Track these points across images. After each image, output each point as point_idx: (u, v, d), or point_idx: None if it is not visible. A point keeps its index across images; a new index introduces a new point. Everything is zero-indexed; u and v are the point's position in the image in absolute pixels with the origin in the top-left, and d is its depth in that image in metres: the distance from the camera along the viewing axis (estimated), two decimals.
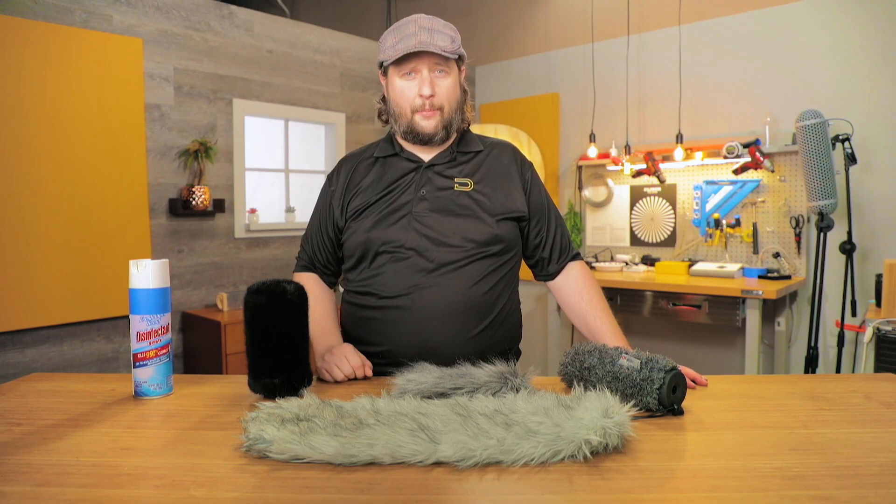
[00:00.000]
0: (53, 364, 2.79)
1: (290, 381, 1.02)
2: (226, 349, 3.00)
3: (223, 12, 3.37)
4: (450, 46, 1.26)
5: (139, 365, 1.05)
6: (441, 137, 1.32)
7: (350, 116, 4.03)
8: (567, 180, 4.29)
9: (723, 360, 3.66)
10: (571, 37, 4.24)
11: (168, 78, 3.15)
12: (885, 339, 2.17)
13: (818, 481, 0.71)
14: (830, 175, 2.78)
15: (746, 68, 3.49)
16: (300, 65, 3.74)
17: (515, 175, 1.38)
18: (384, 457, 0.76)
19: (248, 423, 0.81)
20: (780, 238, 3.41)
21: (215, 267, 3.40)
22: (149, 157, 3.08)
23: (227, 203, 3.41)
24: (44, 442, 0.85)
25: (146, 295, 1.04)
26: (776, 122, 3.39)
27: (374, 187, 1.34)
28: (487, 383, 0.97)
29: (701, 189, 3.67)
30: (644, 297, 3.32)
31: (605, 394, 0.84)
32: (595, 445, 0.76)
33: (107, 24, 2.91)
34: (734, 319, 3.01)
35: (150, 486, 0.72)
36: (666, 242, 3.83)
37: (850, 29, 3.17)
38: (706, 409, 0.97)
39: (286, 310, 1.02)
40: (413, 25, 1.26)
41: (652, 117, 3.88)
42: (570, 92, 4.25)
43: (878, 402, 0.99)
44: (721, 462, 0.77)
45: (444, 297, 1.24)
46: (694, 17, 3.68)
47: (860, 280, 3.10)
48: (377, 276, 1.29)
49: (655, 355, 0.97)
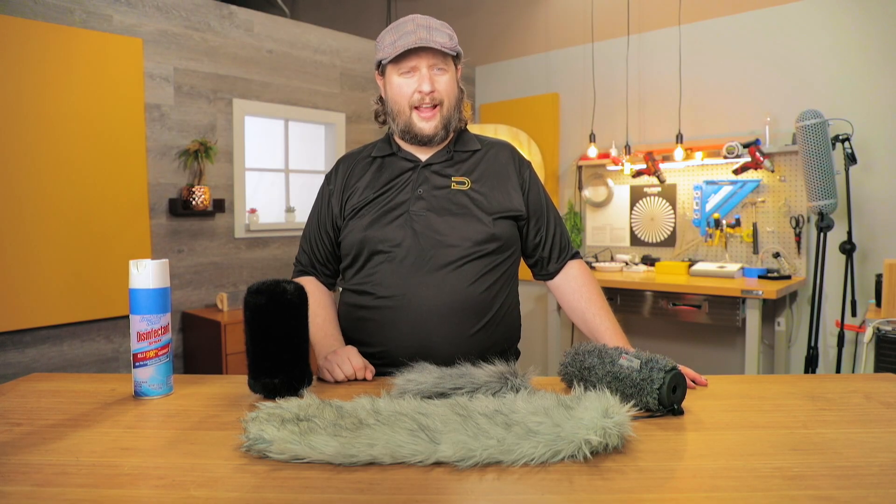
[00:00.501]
0: (53, 364, 2.79)
1: (290, 381, 1.02)
2: (226, 349, 3.00)
3: (223, 12, 3.37)
4: (448, 43, 1.27)
5: (139, 365, 1.05)
6: (440, 137, 1.33)
7: (350, 116, 4.03)
8: (567, 180, 4.29)
9: (723, 360, 3.66)
10: (571, 37, 4.24)
11: (168, 78, 3.15)
12: (885, 339, 2.17)
13: (818, 481, 0.71)
14: (830, 175, 2.78)
15: (746, 68, 3.49)
16: (300, 65, 3.74)
17: (513, 174, 1.37)
18: (384, 457, 0.76)
19: (248, 423, 0.81)
20: (780, 238, 3.41)
21: (215, 267, 3.40)
22: (149, 157, 3.08)
23: (227, 203, 3.42)
24: (44, 442, 0.85)
25: (146, 295, 1.04)
26: (776, 122, 3.39)
27: (371, 186, 1.35)
28: (487, 383, 0.97)
29: (701, 189, 3.67)
30: (644, 297, 3.32)
31: (605, 394, 0.84)
32: (595, 445, 0.76)
33: (107, 24, 2.91)
34: (734, 319, 3.01)
35: (150, 486, 0.72)
36: (666, 242, 3.83)
37: (850, 29, 3.17)
38: (706, 409, 0.97)
39: (286, 310, 1.02)
40: (411, 24, 1.27)
41: (652, 117, 3.88)
42: (570, 92, 4.25)
43: (878, 402, 0.99)
44: (721, 462, 0.77)
45: (442, 297, 1.24)
46: (694, 17, 3.68)
47: (860, 280, 3.10)
48: (373, 275, 1.29)
49: (655, 355, 0.97)
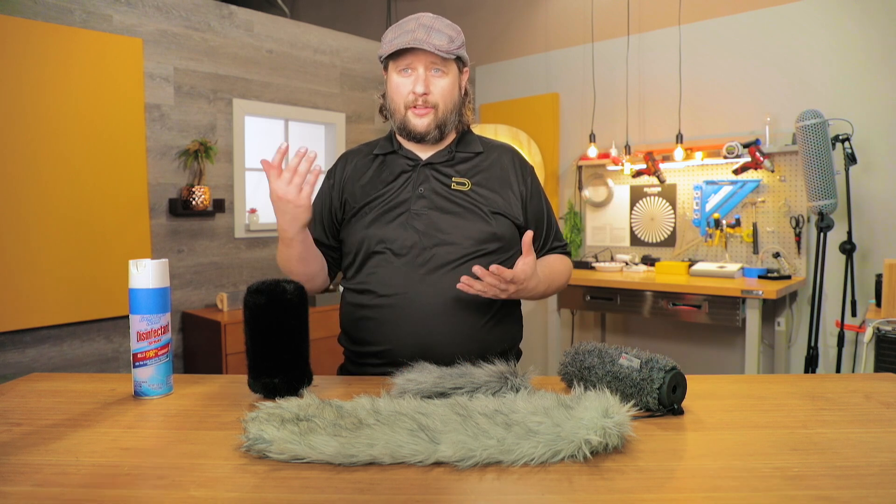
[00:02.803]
0: (53, 364, 2.79)
1: (290, 381, 1.02)
2: (226, 349, 3.00)
3: (223, 12, 3.37)
4: (445, 46, 1.25)
5: (139, 365, 1.05)
6: (434, 137, 1.32)
7: (350, 116, 4.03)
8: (567, 180, 4.28)
9: (723, 360, 3.66)
10: (571, 37, 4.24)
11: (168, 78, 3.15)
12: (885, 339, 2.17)
13: (818, 481, 0.71)
14: (830, 175, 2.78)
15: (746, 68, 3.49)
16: (300, 65, 3.74)
17: (515, 183, 1.37)
18: (384, 457, 0.76)
19: (248, 423, 0.81)
20: (780, 238, 3.41)
21: (215, 267, 3.40)
22: (149, 157, 3.08)
23: (227, 203, 3.41)
24: (44, 442, 0.85)
25: (146, 295, 1.04)
26: (776, 122, 3.38)
27: (372, 184, 1.34)
28: (487, 383, 0.97)
29: (701, 189, 3.67)
30: (644, 297, 3.32)
31: (605, 394, 0.84)
32: (595, 445, 0.76)
33: (107, 24, 2.91)
34: (734, 319, 3.01)
35: (150, 486, 0.72)
36: (666, 242, 3.83)
37: (850, 29, 3.17)
38: (706, 409, 0.97)
39: (286, 310, 1.02)
40: (413, 23, 1.27)
41: (652, 117, 3.88)
42: (570, 92, 4.25)
43: (878, 402, 0.99)
44: (721, 462, 0.77)
45: (442, 296, 1.24)
46: (694, 17, 3.68)
47: (860, 280, 3.10)
48: (374, 274, 1.28)
49: (655, 355, 0.97)
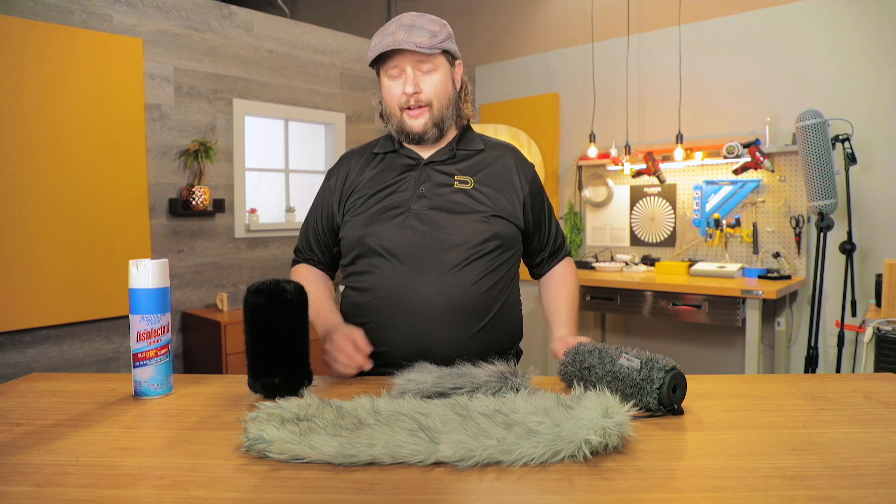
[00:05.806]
0: (53, 364, 2.79)
1: (290, 380, 1.02)
2: (226, 349, 3.00)
3: (223, 12, 3.37)
4: (427, 42, 1.22)
5: (139, 365, 1.05)
6: (433, 136, 1.31)
7: (350, 116, 4.03)
8: (567, 180, 4.28)
9: (723, 360, 3.66)
10: (571, 37, 4.24)
11: (168, 78, 3.15)
12: (885, 339, 2.17)
13: (818, 481, 0.71)
14: (830, 175, 2.78)
15: (746, 68, 3.49)
16: (300, 65, 3.74)
17: (518, 186, 1.36)
18: (384, 457, 0.76)
19: (248, 423, 0.81)
20: (780, 238, 3.41)
21: (215, 267, 3.40)
22: (149, 157, 3.08)
23: (227, 203, 3.41)
24: (44, 442, 0.85)
25: (146, 295, 1.04)
26: (776, 122, 3.39)
27: (372, 184, 1.33)
28: (487, 383, 0.97)
29: (701, 189, 3.67)
30: (644, 297, 3.32)
31: (605, 394, 0.84)
32: (595, 445, 0.76)
33: (107, 24, 2.91)
34: (734, 319, 3.01)
35: (150, 486, 0.72)
36: (666, 242, 3.83)
37: (850, 29, 3.17)
38: (706, 409, 0.97)
39: (286, 310, 1.02)
40: (394, 24, 1.25)
41: (652, 117, 3.88)
42: (570, 92, 4.25)
43: (878, 402, 0.99)
44: (721, 462, 0.77)
45: (443, 296, 1.23)
46: (694, 17, 3.68)
47: (860, 280, 3.10)
48: (373, 274, 1.27)
49: (655, 355, 0.96)
